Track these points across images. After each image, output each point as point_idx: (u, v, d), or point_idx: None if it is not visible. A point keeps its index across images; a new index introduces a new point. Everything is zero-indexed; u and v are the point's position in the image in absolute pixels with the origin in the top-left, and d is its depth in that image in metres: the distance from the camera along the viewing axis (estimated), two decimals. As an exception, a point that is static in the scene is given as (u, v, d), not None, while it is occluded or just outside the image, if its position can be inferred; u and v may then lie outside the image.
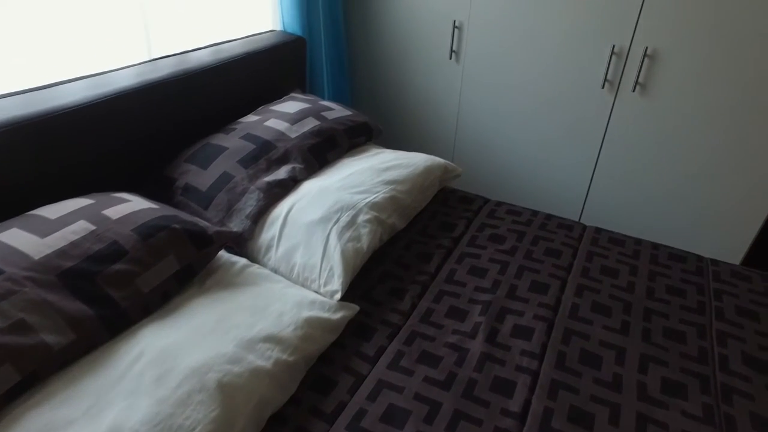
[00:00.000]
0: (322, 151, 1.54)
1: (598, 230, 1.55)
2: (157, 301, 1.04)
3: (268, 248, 1.29)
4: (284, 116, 1.59)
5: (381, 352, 1.10)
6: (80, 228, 1.02)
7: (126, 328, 0.98)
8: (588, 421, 0.96)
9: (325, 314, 1.09)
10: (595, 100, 1.97)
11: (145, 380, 0.86)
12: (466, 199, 1.69)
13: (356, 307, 1.17)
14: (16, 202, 1.15)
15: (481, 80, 2.16)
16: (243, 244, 1.32)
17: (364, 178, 1.44)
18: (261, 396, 0.90)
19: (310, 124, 1.58)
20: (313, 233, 1.25)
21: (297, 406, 0.97)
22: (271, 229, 1.30)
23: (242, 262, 1.22)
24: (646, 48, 1.80)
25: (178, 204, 1.37)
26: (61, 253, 0.96)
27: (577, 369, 1.07)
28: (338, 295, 1.17)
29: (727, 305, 1.27)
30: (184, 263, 1.09)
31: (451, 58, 2.18)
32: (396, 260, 1.38)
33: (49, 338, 0.86)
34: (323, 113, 1.65)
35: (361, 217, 1.30)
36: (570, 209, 2.23)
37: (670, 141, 1.91)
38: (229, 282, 1.14)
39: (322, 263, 1.22)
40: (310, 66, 2.14)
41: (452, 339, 1.13)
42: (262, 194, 1.34)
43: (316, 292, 1.18)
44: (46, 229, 1.00)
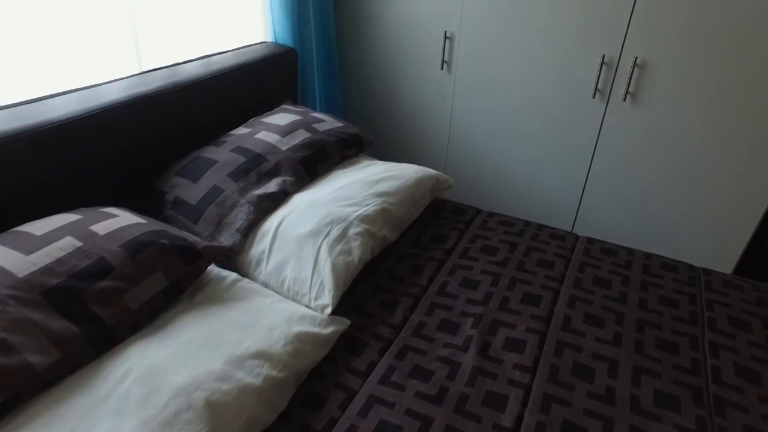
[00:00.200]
0: (313, 164, 1.53)
1: (591, 240, 1.55)
2: (145, 318, 1.02)
3: (259, 262, 1.28)
4: (275, 128, 1.59)
5: (372, 366, 1.09)
6: (67, 244, 1.01)
7: (113, 346, 0.96)
8: (581, 436, 0.95)
9: (316, 329, 1.08)
10: (586, 110, 1.98)
11: (131, 399, 0.84)
12: (458, 210, 1.69)
13: (347, 321, 1.16)
14: (3, 215, 1.14)
15: (473, 91, 2.17)
16: (233, 258, 1.31)
17: (355, 191, 1.43)
18: (250, 414, 0.89)
19: (301, 136, 1.58)
20: (304, 247, 1.25)
21: (287, 423, 0.95)
22: (261, 243, 1.29)
23: (232, 276, 1.21)
24: (636, 58, 1.81)
25: (168, 218, 1.36)
26: (47, 270, 0.95)
27: (569, 382, 1.07)
28: (329, 310, 1.16)
29: (720, 315, 1.27)
30: (172, 279, 1.08)
31: (442, 68, 2.19)
32: (388, 273, 1.37)
33: (33, 358, 0.84)
34: (314, 125, 1.65)
35: (352, 230, 1.30)
36: (562, 219, 2.24)
37: (661, 150, 1.91)
38: (219, 297, 1.13)
39: (312, 277, 1.21)
40: (301, 77, 2.14)
41: (444, 353, 1.12)
42: (252, 208, 1.33)
43: (306, 307, 1.17)
44: (32, 246, 0.99)
